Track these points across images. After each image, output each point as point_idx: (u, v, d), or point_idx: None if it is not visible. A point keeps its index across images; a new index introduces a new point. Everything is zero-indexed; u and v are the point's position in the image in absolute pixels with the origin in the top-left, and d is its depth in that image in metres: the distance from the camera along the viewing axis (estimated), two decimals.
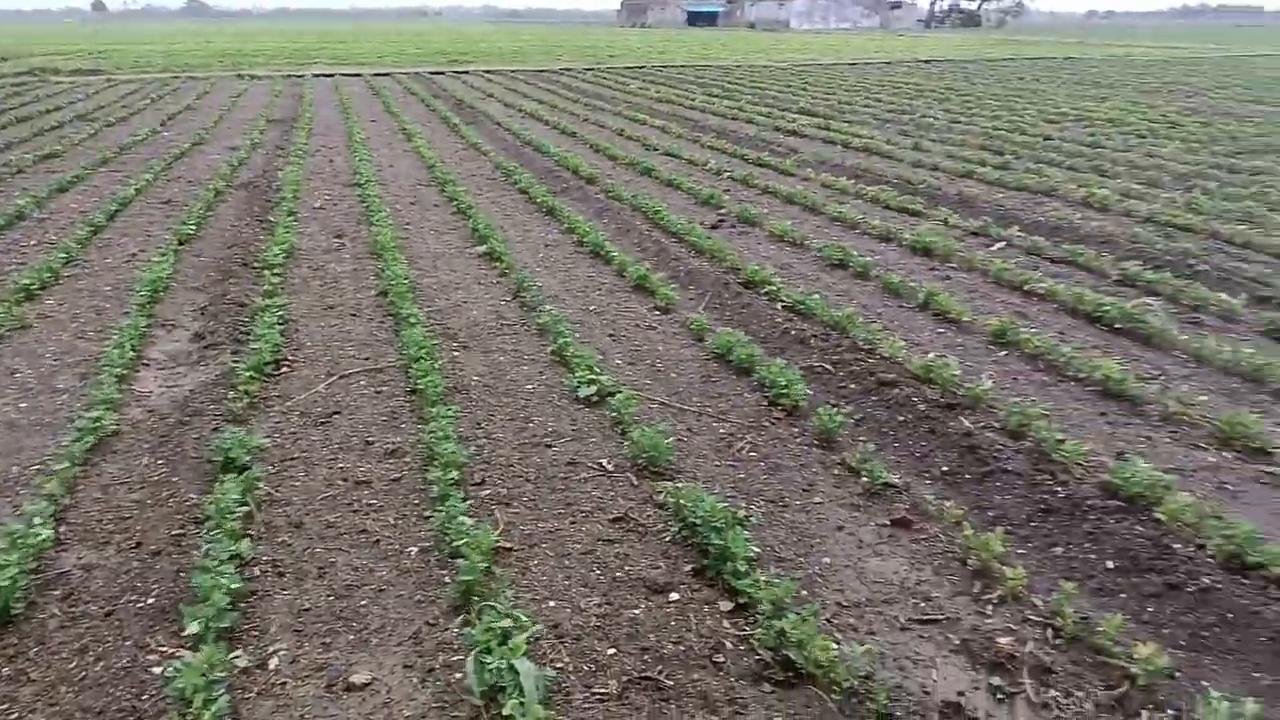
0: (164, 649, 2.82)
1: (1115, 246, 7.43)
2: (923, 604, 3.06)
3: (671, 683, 2.69)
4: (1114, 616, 2.84)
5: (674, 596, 3.09)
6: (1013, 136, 13.70)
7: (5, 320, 5.70)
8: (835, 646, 2.68)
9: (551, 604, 3.06)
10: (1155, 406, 4.53)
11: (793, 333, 5.56)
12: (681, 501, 3.43)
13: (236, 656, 2.75)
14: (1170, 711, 2.58)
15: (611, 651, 2.83)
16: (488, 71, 29.85)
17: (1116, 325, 5.67)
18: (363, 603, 3.07)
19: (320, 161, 12.03)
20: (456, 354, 5.39)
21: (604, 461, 4.07)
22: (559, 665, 2.77)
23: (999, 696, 2.66)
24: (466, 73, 29.25)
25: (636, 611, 3.01)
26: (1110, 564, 3.24)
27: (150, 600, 3.07)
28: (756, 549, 3.21)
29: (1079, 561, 3.29)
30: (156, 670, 2.73)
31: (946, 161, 11.62)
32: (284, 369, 5.12)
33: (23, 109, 17.86)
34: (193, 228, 8.11)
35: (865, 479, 3.81)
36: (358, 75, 27.20)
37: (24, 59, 33.73)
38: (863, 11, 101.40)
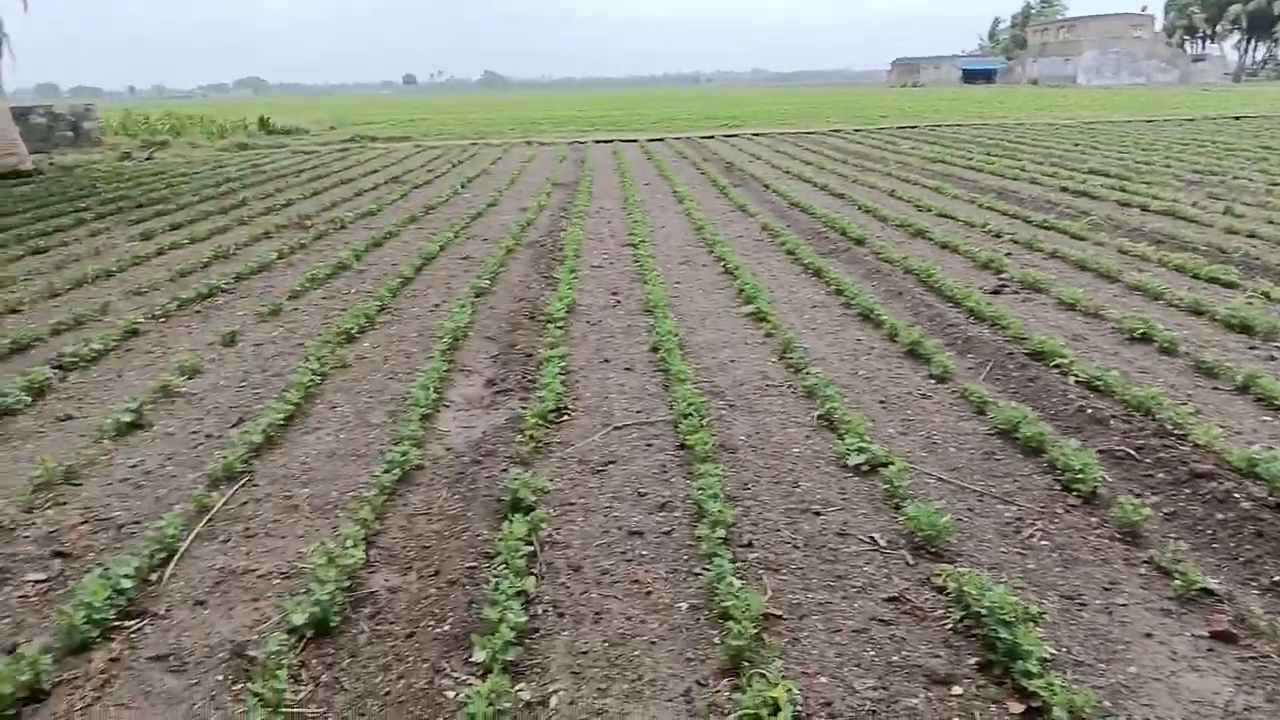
0: (456, 675, 3.03)
1: None
2: None
3: None
4: None
5: (956, 690, 2.90)
6: None
7: (330, 359, 6.45)
8: None
9: (823, 680, 2.97)
10: None
11: (1088, 411, 5.13)
12: (965, 588, 3.23)
13: (520, 690, 2.89)
14: None
15: None
16: (755, 134, 30.48)
17: None
18: (636, 653, 3.14)
19: (599, 223, 12.74)
20: (723, 412, 5.44)
21: (876, 535, 3.93)
22: None
23: None
24: (735, 136, 30.02)
25: (914, 701, 2.85)
26: None
27: (445, 627, 3.32)
28: (1051, 649, 2.96)
29: None
30: (449, 694, 2.93)
31: (1266, 228, 10.37)
32: (564, 417, 5.41)
33: (346, 171, 20.41)
34: (486, 282, 8.82)
35: (1178, 582, 3.41)
36: (634, 141, 28.68)
37: (347, 127, 38.65)
38: (1159, 65, 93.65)
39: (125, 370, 6.48)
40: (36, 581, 3.78)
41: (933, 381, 5.87)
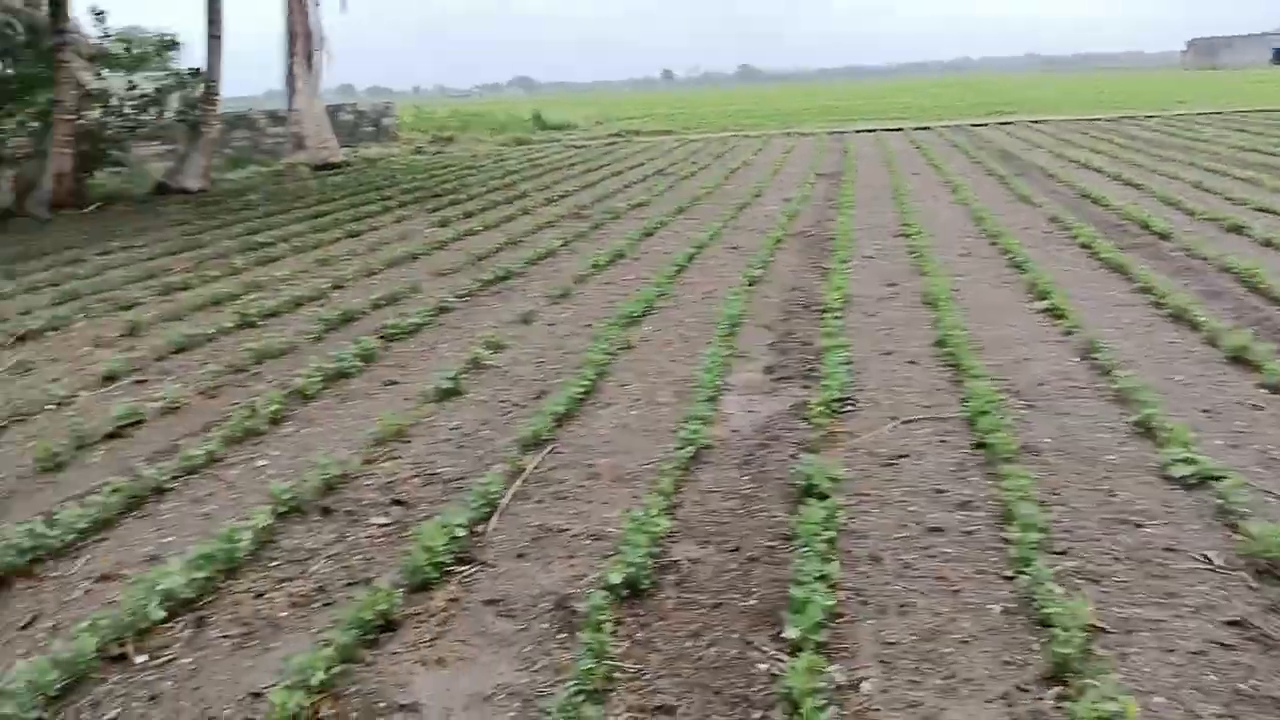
0: (765, 649, 3.10)
1: None
2: None
3: None
4: None
5: None
6: None
7: (616, 340, 6.75)
8: None
9: (1158, 700, 2.76)
10: None
11: None
12: None
13: (834, 671, 2.91)
14: None
15: None
16: (1033, 121, 28.56)
17: None
18: (946, 650, 3.06)
19: (867, 213, 12.45)
20: (1022, 412, 5.16)
21: (1209, 554, 3.58)
22: None
23: None
24: (1010, 123, 28.29)
25: None
26: None
27: (751, 601, 3.40)
28: None
29: None
30: (760, 667, 3.00)
31: None
32: (848, 407, 5.36)
33: (614, 164, 21.25)
34: (757, 271, 8.89)
35: None
36: (899, 130, 27.77)
37: (612, 122, 40.20)
38: None
39: (438, 343, 7.15)
40: (381, 524, 4.26)
41: (1265, 391, 5.26)
